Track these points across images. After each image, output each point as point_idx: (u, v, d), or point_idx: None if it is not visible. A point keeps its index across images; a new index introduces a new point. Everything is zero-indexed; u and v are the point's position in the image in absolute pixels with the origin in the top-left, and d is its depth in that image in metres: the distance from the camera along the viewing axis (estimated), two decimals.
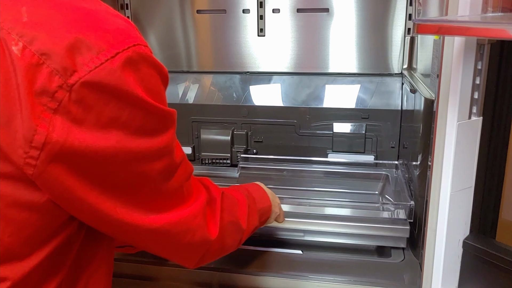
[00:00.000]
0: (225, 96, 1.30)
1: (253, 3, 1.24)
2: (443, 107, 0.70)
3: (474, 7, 0.63)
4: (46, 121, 0.40)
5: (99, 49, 0.41)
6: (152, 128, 0.46)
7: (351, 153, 1.23)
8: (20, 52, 0.39)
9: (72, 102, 0.40)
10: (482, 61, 0.69)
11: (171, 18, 1.30)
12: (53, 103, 0.40)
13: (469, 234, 0.77)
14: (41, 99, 0.40)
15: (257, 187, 0.83)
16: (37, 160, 0.41)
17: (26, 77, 0.39)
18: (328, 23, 1.22)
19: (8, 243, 0.44)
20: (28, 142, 0.40)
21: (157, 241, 0.55)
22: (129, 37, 0.43)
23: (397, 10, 1.18)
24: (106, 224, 0.49)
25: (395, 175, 1.15)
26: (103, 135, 0.42)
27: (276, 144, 1.28)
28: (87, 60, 0.40)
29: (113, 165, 0.44)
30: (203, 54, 1.33)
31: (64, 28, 0.40)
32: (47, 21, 0.40)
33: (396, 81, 1.21)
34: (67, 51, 0.40)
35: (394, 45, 1.21)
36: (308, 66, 1.27)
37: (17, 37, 0.39)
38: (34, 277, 0.47)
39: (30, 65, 0.39)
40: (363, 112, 1.21)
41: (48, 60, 0.39)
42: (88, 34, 0.41)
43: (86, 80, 0.40)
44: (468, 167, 0.74)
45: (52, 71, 0.39)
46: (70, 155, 0.42)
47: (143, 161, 0.46)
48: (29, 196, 0.43)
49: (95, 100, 0.41)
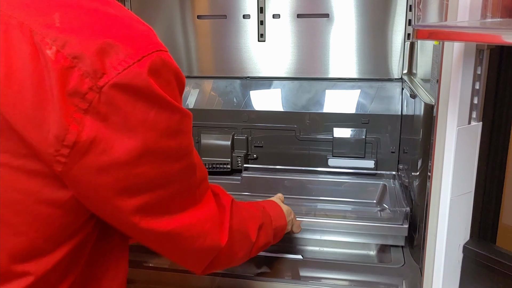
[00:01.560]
0: (226, 101, 1.30)
1: (254, 9, 1.25)
2: (443, 112, 0.70)
3: (473, 12, 0.63)
4: (77, 121, 0.42)
5: (126, 53, 0.43)
6: (176, 130, 0.48)
7: (351, 158, 1.23)
8: (54, 55, 0.41)
9: (102, 103, 0.42)
10: (481, 66, 0.69)
11: (172, 24, 1.31)
12: (84, 104, 0.42)
13: (469, 239, 0.77)
14: (73, 100, 0.41)
15: (274, 205, 0.85)
16: (67, 158, 0.43)
17: (59, 79, 0.41)
18: (328, 29, 1.22)
19: (33, 238, 0.46)
20: (60, 141, 0.42)
21: (169, 244, 0.56)
22: (152, 43, 0.45)
23: (396, 16, 1.18)
24: (124, 225, 0.51)
25: (392, 185, 1.16)
26: (130, 135, 0.44)
27: (276, 149, 1.28)
28: (116, 63, 0.42)
29: (138, 166, 0.46)
30: (204, 59, 1.33)
31: (93, 33, 0.42)
32: (78, 27, 0.42)
33: (396, 86, 1.21)
34: (96, 55, 0.42)
35: (394, 50, 1.21)
36: (308, 71, 1.27)
37: (50, 42, 0.41)
38: (55, 274, 0.49)
39: (63, 68, 0.41)
40: (363, 117, 1.21)
41: (80, 63, 0.41)
42: (116, 39, 0.43)
43: (114, 82, 0.42)
44: (468, 172, 0.74)
45: (83, 74, 0.41)
46: (97, 154, 0.43)
47: (165, 161, 0.48)
48: (56, 193, 0.45)
49: (124, 102, 0.43)
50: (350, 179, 1.21)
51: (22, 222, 0.45)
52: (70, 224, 0.48)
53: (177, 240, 0.55)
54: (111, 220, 0.51)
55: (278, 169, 1.26)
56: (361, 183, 1.20)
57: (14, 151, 0.43)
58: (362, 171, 1.22)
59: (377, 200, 1.17)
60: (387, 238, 0.97)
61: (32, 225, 0.46)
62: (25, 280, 0.46)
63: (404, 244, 0.97)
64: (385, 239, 0.97)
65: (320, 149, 1.25)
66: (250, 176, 1.25)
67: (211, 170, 1.28)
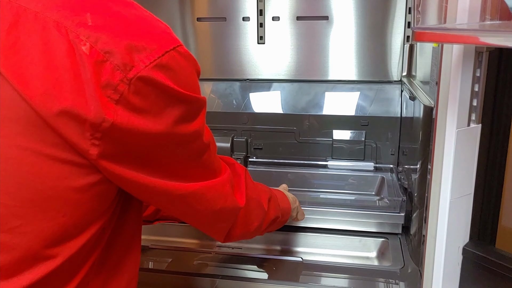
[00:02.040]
0: (225, 103, 1.30)
1: (253, 11, 1.25)
2: (442, 114, 0.70)
3: (472, 15, 0.63)
4: (111, 110, 0.46)
5: (151, 49, 0.47)
6: (191, 115, 0.54)
7: (350, 160, 1.23)
8: (88, 50, 0.45)
9: (131, 93, 0.47)
10: (480, 68, 0.69)
11: (172, 26, 1.30)
12: (116, 95, 0.46)
13: (469, 241, 0.77)
14: (106, 91, 0.46)
15: (279, 191, 0.92)
16: (101, 141, 0.47)
17: (94, 73, 0.45)
18: (328, 31, 1.22)
19: (62, 223, 0.49)
20: (96, 127, 0.46)
21: (195, 206, 0.61)
22: (173, 39, 0.51)
23: (396, 18, 1.18)
24: (154, 195, 0.56)
25: (390, 177, 1.18)
26: (155, 121, 0.49)
27: (276, 151, 1.28)
28: (143, 57, 0.47)
29: (159, 147, 0.52)
30: (203, 61, 1.34)
31: (123, 31, 0.47)
32: (108, 25, 0.47)
33: (395, 88, 1.22)
34: (125, 50, 0.46)
35: (394, 52, 1.21)
36: (307, 74, 1.27)
37: (84, 39, 0.45)
38: (79, 256, 0.52)
39: (97, 62, 0.45)
40: (363, 119, 1.21)
41: (111, 57, 0.45)
42: (143, 36, 0.48)
43: (142, 75, 0.47)
44: (468, 174, 0.74)
45: (114, 67, 0.46)
46: (128, 138, 0.48)
47: (182, 143, 0.54)
48: (84, 179, 0.49)
49: (149, 92, 0.48)
50: (350, 173, 1.23)
51: (52, 207, 0.48)
52: (96, 209, 0.52)
53: (202, 201, 0.61)
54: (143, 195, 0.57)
55: (281, 163, 1.28)
56: (360, 176, 1.22)
57: (46, 140, 0.46)
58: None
59: (376, 192, 1.19)
60: (384, 226, 1.01)
61: (60, 210, 0.49)
62: (52, 262, 0.49)
63: (401, 232, 1.01)
64: (382, 227, 1.01)
65: (320, 151, 1.25)
66: (254, 170, 1.27)
67: None
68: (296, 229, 1.04)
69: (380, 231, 1.02)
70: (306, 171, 1.25)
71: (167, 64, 0.49)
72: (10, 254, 0.47)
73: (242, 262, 0.92)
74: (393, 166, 1.21)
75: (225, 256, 0.95)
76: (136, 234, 0.64)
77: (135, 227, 0.63)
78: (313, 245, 1.03)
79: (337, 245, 1.02)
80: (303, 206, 1.01)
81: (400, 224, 1.00)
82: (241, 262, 0.92)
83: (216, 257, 0.95)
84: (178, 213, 0.64)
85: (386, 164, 1.22)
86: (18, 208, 0.47)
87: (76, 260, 0.52)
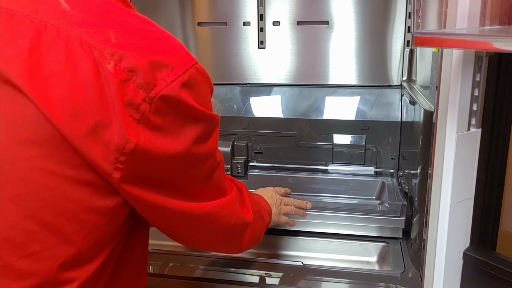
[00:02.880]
0: (226, 107, 1.30)
1: (254, 16, 1.25)
2: (442, 118, 0.71)
3: (472, 20, 0.63)
4: (134, 130, 0.45)
5: (173, 66, 0.47)
6: (207, 134, 0.54)
7: (351, 164, 1.23)
8: (113, 69, 0.44)
9: (152, 112, 0.46)
10: (480, 73, 0.70)
11: (172, 31, 1.31)
12: (137, 114, 0.45)
13: (469, 245, 0.77)
14: (129, 111, 0.45)
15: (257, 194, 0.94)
16: (124, 164, 0.46)
17: (118, 92, 0.44)
18: (328, 36, 1.23)
19: (80, 246, 0.49)
20: (120, 149, 0.45)
21: (210, 226, 0.61)
22: (190, 56, 0.50)
23: (396, 23, 1.19)
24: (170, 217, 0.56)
25: (390, 182, 1.18)
26: (174, 140, 0.49)
27: (276, 155, 1.28)
28: (164, 75, 0.46)
29: (178, 167, 0.51)
30: (204, 66, 1.30)
31: (145, 49, 0.46)
32: (131, 43, 0.46)
33: (395, 93, 1.22)
34: (148, 68, 0.45)
35: (394, 57, 1.22)
36: (308, 78, 1.27)
37: (109, 56, 0.44)
38: (94, 278, 0.51)
39: (121, 81, 0.44)
40: (363, 123, 1.21)
41: (134, 76, 0.45)
42: (164, 54, 0.47)
43: (163, 94, 0.46)
44: (468, 178, 0.74)
45: (137, 86, 0.45)
46: (149, 159, 0.47)
47: (198, 162, 0.54)
48: (103, 201, 0.49)
49: (169, 111, 0.47)
50: (350, 177, 1.23)
51: (72, 230, 0.48)
52: (111, 230, 0.52)
53: (216, 220, 0.61)
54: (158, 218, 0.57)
55: (281, 167, 1.28)
56: (361, 181, 1.22)
57: (68, 162, 0.46)
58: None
59: (376, 196, 1.19)
60: (384, 231, 1.01)
61: (80, 233, 0.48)
62: (70, 286, 0.48)
63: (401, 236, 1.01)
64: (382, 232, 1.01)
65: (320, 155, 1.25)
66: (255, 175, 1.27)
67: None
68: (296, 233, 1.04)
69: (380, 236, 1.02)
70: (307, 176, 1.25)
71: (188, 82, 0.48)
72: (29, 280, 0.46)
73: (243, 266, 0.92)
74: (393, 170, 1.21)
75: (225, 260, 0.95)
76: (144, 252, 0.63)
77: (142, 246, 0.62)
78: (313, 249, 1.03)
79: (337, 249, 1.02)
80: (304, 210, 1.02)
81: (401, 229, 1.00)
82: (242, 267, 0.92)
83: (216, 262, 0.95)
84: (190, 235, 0.64)
85: (387, 169, 1.22)
86: (38, 233, 0.46)
87: (91, 283, 0.51)
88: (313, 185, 1.23)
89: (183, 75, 0.48)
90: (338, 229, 1.02)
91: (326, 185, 1.22)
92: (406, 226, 0.99)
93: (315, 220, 1.02)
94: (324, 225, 1.03)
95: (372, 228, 1.01)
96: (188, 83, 0.48)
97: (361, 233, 1.02)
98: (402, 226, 0.99)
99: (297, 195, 1.10)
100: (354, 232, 1.02)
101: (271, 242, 1.04)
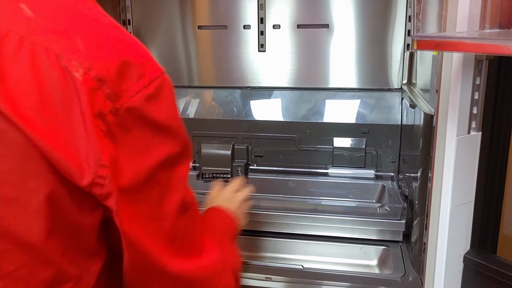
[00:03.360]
0: (226, 110, 1.30)
1: (254, 19, 1.26)
2: (442, 122, 0.71)
3: (472, 23, 0.63)
4: (103, 142, 0.43)
5: (138, 77, 0.45)
6: (176, 158, 0.49)
7: (351, 167, 1.23)
8: (81, 77, 0.42)
9: (117, 125, 0.44)
10: (480, 76, 0.70)
11: (173, 34, 1.32)
12: (104, 126, 0.43)
13: (470, 249, 0.77)
14: (97, 121, 0.43)
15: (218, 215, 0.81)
16: (105, 180, 0.43)
17: (88, 101, 0.42)
18: (328, 39, 1.23)
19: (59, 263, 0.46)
20: (98, 162, 0.42)
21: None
22: (157, 66, 0.47)
23: (396, 26, 1.19)
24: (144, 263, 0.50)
25: (391, 185, 1.18)
26: (135, 159, 0.45)
27: (276, 158, 1.28)
28: (130, 86, 0.44)
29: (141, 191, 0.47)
30: (204, 69, 1.34)
31: (113, 57, 0.44)
32: (99, 51, 0.44)
33: (395, 96, 1.22)
34: (116, 77, 0.43)
35: (394, 60, 1.22)
36: (308, 81, 1.27)
37: (77, 64, 0.42)
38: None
39: (91, 89, 0.42)
40: (363, 127, 1.21)
41: (103, 86, 0.43)
42: (130, 63, 0.45)
43: (128, 106, 0.44)
44: (468, 182, 0.74)
45: (105, 96, 0.43)
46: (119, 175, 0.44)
47: (163, 192, 0.49)
48: (81, 217, 0.46)
49: (132, 125, 0.45)
50: (350, 181, 1.23)
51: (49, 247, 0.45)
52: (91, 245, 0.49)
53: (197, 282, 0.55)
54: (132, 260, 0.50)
55: (281, 171, 1.28)
56: (361, 184, 1.22)
57: (43, 176, 0.43)
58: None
59: (377, 199, 1.19)
60: (385, 234, 1.01)
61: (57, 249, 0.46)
62: None
63: (401, 239, 1.00)
64: (383, 235, 1.01)
65: (320, 159, 1.25)
66: (255, 178, 1.26)
67: (211, 179, 1.28)
68: (296, 236, 1.03)
69: (381, 239, 1.01)
70: (307, 179, 1.25)
71: (153, 94, 0.45)
72: None
73: (243, 270, 0.91)
74: (393, 174, 1.21)
75: None
76: None
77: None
78: (313, 252, 1.02)
79: (337, 253, 1.02)
80: (304, 213, 1.02)
81: (401, 232, 1.00)
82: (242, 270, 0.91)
83: None
84: None
85: (387, 172, 1.22)
86: (13, 252, 0.44)
87: None
88: (313, 189, 1.23)
89: (148, 86, 0.45)
90: (338, 232, 1.02)
91: (326, 188, 1.22)
92: (406, 229, 0.99)
93: (315, 223, 1.02)
94: (324, 228, 1.02)
95: (372, 231, 1.01)
96: (153, 95, 0.45)
97: (361, 236, 1.02)
98: (402, 229, 0.99)
99: (298, 198, 1.10)
100: (354, 235, 1.02)
101: (271, 245, 1.04)
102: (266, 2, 1.24)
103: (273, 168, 1.28)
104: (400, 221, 0.99)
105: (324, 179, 1.24)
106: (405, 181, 1.11)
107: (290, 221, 1.03)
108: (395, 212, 1.01)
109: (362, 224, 1.01)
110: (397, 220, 0.99)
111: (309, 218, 1.02)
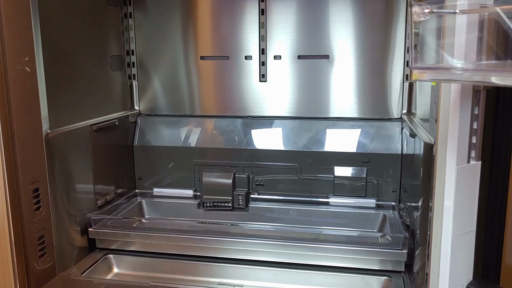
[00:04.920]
0: (227, 139, 1.31)
1: (255, 50, 1.28)
2: (442, 151, 0.71)
3: (469, 55, 0.65)
4: None
5: None
6: None
7: (352, 197, 1.23)
8: None
9: None
10: (478, 106, 0.70)
11: (176, 64, 1.34)
12: None
13: (472, 279, 0.76)
14: None
15: None
16: None
17: None
18: (329, 69, 1.25)
19: None
20: None
21: None
22: None
23: (395, 57, 1.21)
24: None
25: (392, 215, 1.17)
26: None
27: (277, 187, 1.29)
28: None
29: None
30: (206, 98, 1.36)
31: None
32: None
33: (395, 126, 1.23)
34: None
35: (393, 90, 1.23)
36: (309, 111, 1.29)
37: None
38: None
39: None
40: (364, 156, 1.22)
41: None
42: None
43: None
44: (469, 211, 0.74)
45: None
46: None
47: None
48: None
49: None
50: (352, 210, 1.23)
51: None
52: None
53: None
54: None
55: (282, 200, 1.28)
56: (362, 213, 1.21)
57: None
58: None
59: (378, 229, 1.18)
60: (386, 264, 1.00)
61: None
62: None
63: (403, 269, 1.00)
64: (384, 265, 1.00)
65: (321, 187, 1.25)
66: (256, 207, 1.26)
67: (212, 208, 1.28)
68: (297, 266, 1.02)
69: (382, 269, 1.00)
70: (308, 208, 1.24)
71: None
72: None
73: None
74: (395, 203, 1.21)
75: None
76: None
77: None
78: (315, 283, 1.01)
79: (339, 283, 1.00)
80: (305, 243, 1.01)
81: (403, 262, 0.99)
82: None
83: None
84: None
85: (388, 201, 1.22)
86: None
87: None
88: (314, 218, 1.22)
89: None
90: (340, 262, 1.01)
91: (327, 217, 1.22)
92: (408, 259, 0.98)
93: (316, 252, 1.01)
94: (325, 257, 1.01)
95: (374, 261, 1.00)
96: None
97: (363, 266, 1.01)
98: (404, 259, 0.98)
99: (298, 227, 1.09)
100: (355, 265, 1.01)
101: (272, 276, 1.03)
102: (267, 34, 1.26)
103: (274, 197, 1.28)
104: (402, 251, 0.98)
105: (325, 208, 1.23)
106: (406, 210, 1.11)
107: (291, 251, 1.02)
108: (396, 241, 1.01)
109: (363, 254, 1.00)
110: (399, 250, 0.98)
111: (310, 247, 1.01)
